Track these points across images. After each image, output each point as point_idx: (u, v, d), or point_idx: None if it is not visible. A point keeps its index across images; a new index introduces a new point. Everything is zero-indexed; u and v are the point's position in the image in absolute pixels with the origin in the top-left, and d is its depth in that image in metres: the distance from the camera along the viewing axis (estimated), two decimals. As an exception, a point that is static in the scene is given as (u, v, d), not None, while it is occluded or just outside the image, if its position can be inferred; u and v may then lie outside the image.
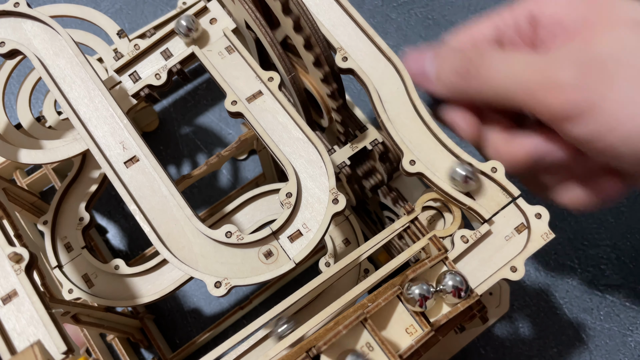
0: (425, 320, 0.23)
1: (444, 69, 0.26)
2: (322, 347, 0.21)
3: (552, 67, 0.24)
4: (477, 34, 0.28)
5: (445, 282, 0.23)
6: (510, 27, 0.27)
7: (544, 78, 0.24)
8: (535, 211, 0.26)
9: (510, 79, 0.25)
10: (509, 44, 0.28)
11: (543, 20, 0.26)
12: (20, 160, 0.28)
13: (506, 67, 0.25)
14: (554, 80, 0.23)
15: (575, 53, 0.24)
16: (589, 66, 0.23)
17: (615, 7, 0.24)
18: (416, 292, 0.23)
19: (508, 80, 0.25)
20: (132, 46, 0.28)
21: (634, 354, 0.38)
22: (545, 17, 0.26)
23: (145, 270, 0.31)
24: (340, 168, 0.29)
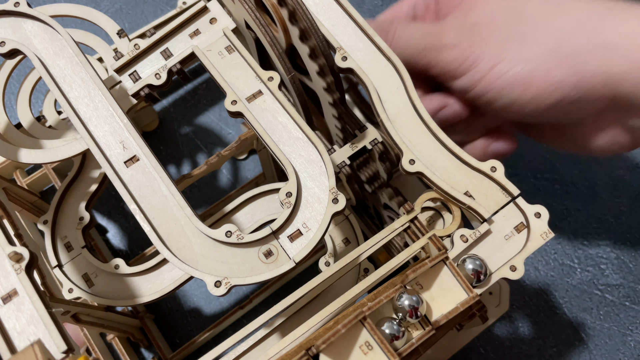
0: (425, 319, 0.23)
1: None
2: (321, 346, 0.21)
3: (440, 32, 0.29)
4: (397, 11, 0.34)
5: (466, 265, 0.24)
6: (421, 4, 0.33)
7: (433, 42, 0.29)
8: (535, 210, 0.26)
9: (410, 45, 0.30)
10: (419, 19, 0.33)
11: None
12: (20, 159, 0.28)
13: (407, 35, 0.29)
14: (440, 43, 0.29)
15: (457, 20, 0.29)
16: (467, 30, 0.28)
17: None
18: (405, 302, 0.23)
19: (409, 47, 0.30)
20: (132, 46, 0.28)
21: (634, 353, 0.38)
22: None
23: (145, 270, 0.31)
24: (340, 168, 0.29)
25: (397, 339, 0.23)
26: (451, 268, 0.24)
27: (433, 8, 0.33)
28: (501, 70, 0.28)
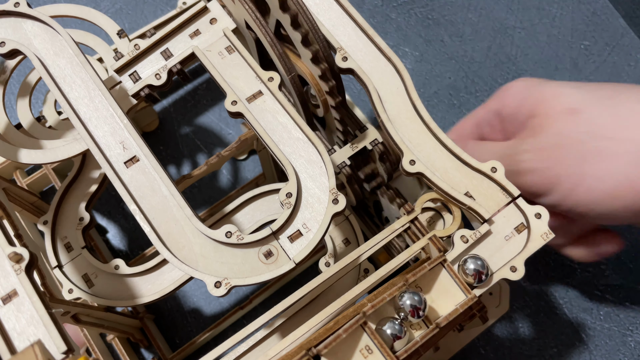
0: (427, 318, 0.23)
1: None
2: (323, 350, 0.21)
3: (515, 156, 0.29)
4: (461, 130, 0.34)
5: (467, 266, 0.24)
6: (486, 124, 0.33)
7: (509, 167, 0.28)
8: (535, 211, 0.26)
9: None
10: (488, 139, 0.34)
11: (505, 115, 0.32)
12: (20, 160, 0.28)
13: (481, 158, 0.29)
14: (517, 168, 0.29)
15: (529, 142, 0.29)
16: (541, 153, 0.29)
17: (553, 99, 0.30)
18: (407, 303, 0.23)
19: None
20: (132, 46, 0.28)
21: (634, 353, 0.38)
22: (506, 113, 0.32)
23: (145, 270, 0.31)
24: (340, 168, 0.29)
25: (399, 339, 0.23)
26: (449, 270, 0.24)
27: (498, 127, 0.33)
28: (585, 188, 0.28)
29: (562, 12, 0.48)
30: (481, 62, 0.47)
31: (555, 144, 0.29)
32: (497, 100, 0.32)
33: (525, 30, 0.48)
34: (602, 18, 0.48)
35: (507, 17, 0.48)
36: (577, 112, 0.29)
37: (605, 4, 0.49)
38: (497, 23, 0.48)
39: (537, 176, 0.29)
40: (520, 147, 0.30)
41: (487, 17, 0.48)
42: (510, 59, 0.47)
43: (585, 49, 0.47)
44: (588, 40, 0.47)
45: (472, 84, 0.46)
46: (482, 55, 0.47)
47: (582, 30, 0.48)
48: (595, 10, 0.48)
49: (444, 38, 0.48)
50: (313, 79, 0.27)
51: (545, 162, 0.29)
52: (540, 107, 0.30)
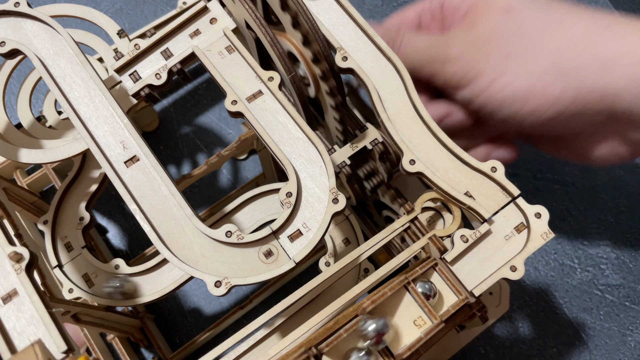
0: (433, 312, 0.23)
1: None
2: (324, 348, 0.21)
3: (444, 45, 0.30)
4: (403, 17, 0.35)
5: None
6: (427, 13, 0.34)
7: (438, 54, 0.30)
8: (535, 211, 0.26)
9: (415, 55, 0.31)
10: (425, 28, 0.34)
11: (447, 8, 0.32)
12: (20, 160, 0.28)
13: (413, 45, 0.30)
14: (444, 56, 0.30)
15: (461, 33, 0.30)
16: (470, 44, 0.29)
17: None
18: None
19: (415, 56, 0.31)
20: (132, 46, 0.28)
21: (634, 353, 0.38)
22: (448, 5, 0.32)
23: (145, 270, 0.31)
24: (340, 168, 0.29)
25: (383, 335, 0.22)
26: (441, 273, 0.24)
27: (438, 17, 0.33)
28: (501, 84, 0.29)
29: (562, 12, 0.48)
30: (481, 62, 0.47)
31: (485, 38, 0.29)
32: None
33: (525, 30, 0.48)
34: (602, 18, 0.48)
35: (507, 17, 0.48)
36: (512, 9, 0.29)
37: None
38: (497, 23, 0.48)
39: (461, 65, 0.29)
40: (451, 37, 0.30)
41: (487, 17, 0.48)
42: (510, 59, 0.47)
43: (585, 49, 0.47)
44: (588, 40, 0.47)
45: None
46: (482, 55, 0.47)
47: (582, 30, 0.48)
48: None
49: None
50: (302, 54, 0.26)
51: (472, 53, 0.29)
52: (479, 3, 0.31)
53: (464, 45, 0.30)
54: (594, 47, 0.28)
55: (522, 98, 0.29)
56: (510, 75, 0.29)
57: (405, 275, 0.24)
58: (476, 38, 0.30)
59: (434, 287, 0.24)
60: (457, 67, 0.30)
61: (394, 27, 0.33)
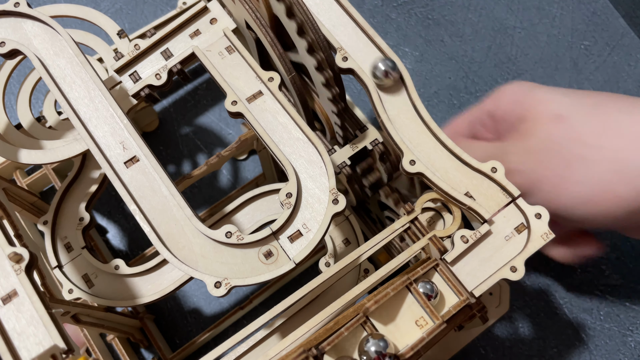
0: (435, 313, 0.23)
1: None
2: (326, 347, 0.21)
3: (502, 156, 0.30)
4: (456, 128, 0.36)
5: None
6: (478, 123, 0.35)
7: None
8: (535, 211, 0.26)
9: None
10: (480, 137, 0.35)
11: (497, 117, 0.33)
12: (20, 160, 0.28)
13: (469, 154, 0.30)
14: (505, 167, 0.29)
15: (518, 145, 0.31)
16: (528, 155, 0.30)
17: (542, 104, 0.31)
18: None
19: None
20: (132, 46, 0.28)
21: (634, 354, 0.38)
22: (498, 114, 0.33)
23: (145, 270, 0.31)
24: (341, 168, 0.29)
25: None
26: (442, 274, 0.24)
27: (491, 128, 0.34)
28: (566, 192, 0.29)
29: (562, 12, 0.48)
30: (481, 62, 0.47)
31: (541, 148, 0.30)
32: (492, 101, 0.34)
33: (525, 30, 0.48)
34: (602, 18, 0.48)
35: (507, 17, 0.48)
36: (563, 118, 0.30)
37: (605, 4, 0.49)
38: (497, 23, 0.48)
39: (521, 177, 0.30)
40: (508, 149, 0.31)
41: (487, 17, 0.48)
42: (510, 59, 0.47)
43: (585, 49, 0.47)
44: (588, 40, 0.47)
45: (472, 84, 0.46)
46: (482, 55, 0.47)
47: (582, 30, 0.48)
48: (595, 10, 0.48)
49: (444, 38, 0.48)
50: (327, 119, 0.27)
51: (530, 164, 0.30)
52: (529, 112, 0.31)
53: (521, 157, 0.30)
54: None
55: (589, 202, 0.29)
56: (573, 182, 0.29)
57: (408, 276, 0.24)
58: (532, 149, 0.30)
59: (435, 288, 0.24)
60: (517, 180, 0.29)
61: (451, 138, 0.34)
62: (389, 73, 0.26)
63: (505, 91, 0.33)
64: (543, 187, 0.30)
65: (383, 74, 0.26)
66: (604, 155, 0.29)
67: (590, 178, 0.29)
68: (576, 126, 0.30)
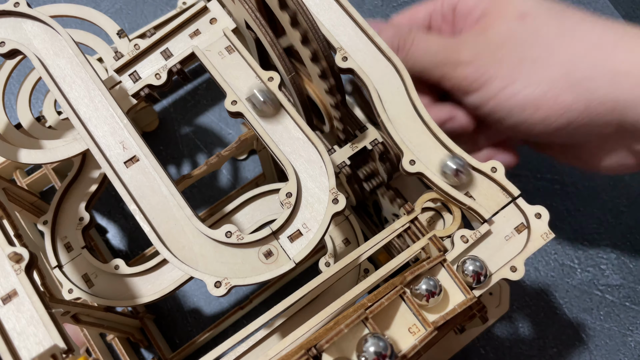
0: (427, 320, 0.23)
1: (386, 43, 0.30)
2: (324, 345, 0.21)
3: (457, 48, 0.30)
4: (413, 16, 0.34)
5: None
6: (438, 14, 0.33)
7: (449, 57, 0.30)
8: (535, 211, 0.26)
9: (426, 57, 0.30)
10: (435, 29, 0.34)
11: (459, 10, 0.32)
12: (20, 160, 0.28)
13: (425, 46, 0.30)
14: (456, 59, 0.29)
15: (474, 38, 0.30)
16: (483, 49, 0.29)
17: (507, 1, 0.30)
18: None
19: (426, 57, 0.30)
20: (132, 46, 0.28)
21: (634, 354, 0.38)
22: (461, 8, 0.32)
23: (145, 270, 0.31)
24: (340, 168, 0.29)
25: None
26: (449, 270, 0.24)
27: (450, 19, 0.33)
28: (512, 92, 0.29)
29: (562, 12, 0.48)
30: (481, 62, 0.47)
31: (498, 43, 0.29)
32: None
33: (525, 30, 0.48)
34: (602, 18, 0.48)
35: (507, 17, 0.48)
36: (528, 15, 0.29)
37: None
38: (497, 23, 0.48)
39: (472, 70, 0.29)
40: (465, 40, 0.30)
41: (487, 17, 0.48)
42: (510, 59, 0.47)
43: (585, 49, 0.47)
44: (588, 40, 0.47)
45: (472, 84, 0.46)
46: (482, 55, 0.47)
47: (582, 30, 0.48)
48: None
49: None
50: (323, 104, 0.27)
51: (484, 58, 0.29)
52: (494, 7, 0.30)
53: (477, 49, 0.29)
54: (606, 58, 0.27)
55: (532, 106, 0.28)
56: (522, 83, 0.28)
57: (400, 285, 0.23)
58: (489, 42, 0.29)
59: (439, 284, 0.24)
60: (469, 72, 0.29)
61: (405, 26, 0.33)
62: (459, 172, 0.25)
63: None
64: (492, 83, 0.29)
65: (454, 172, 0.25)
66: (557, 59, 0.28)
67: (539, 81, 0.28)
68: (536, 26, 0.29)
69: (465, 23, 0.32)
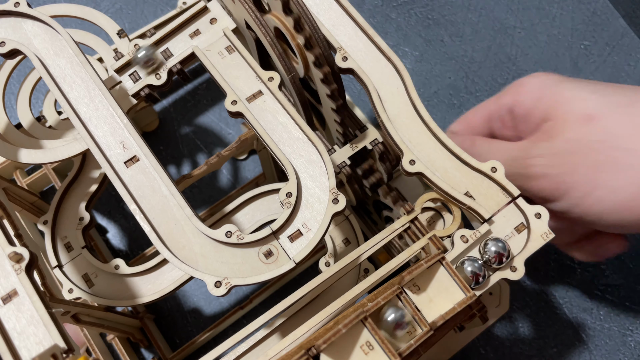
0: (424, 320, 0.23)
1: None
2: (322, 345, 0.21)
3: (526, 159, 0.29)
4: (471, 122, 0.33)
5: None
6: (497, 119, 0.32)
7: (521, 170, 0.29)
8: (535, 211, 0.26)
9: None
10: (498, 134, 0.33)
11: (517, 114, 0.31)
12: (20, 160, 0.28)
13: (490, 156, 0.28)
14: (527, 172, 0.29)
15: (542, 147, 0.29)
16: (554, 160, 0.28)
17: (569, 103, 0.29)
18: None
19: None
20: (132, 46, 0.28)
21: (634, 353, 0.38)
22: (519, 111, 0.31)
23: (145, 270, 0.31)
24: (340, 168, 0.29)
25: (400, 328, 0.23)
26: (448, 268, 0.24)
27: (510, 123, 0.32)
28: (597, 198, 0.28)
29: (562, 12, 0.48)
30: (481, 62, 0.47)
31: (569, 151, 0.28)
32: (511, 95, 0.31)
33: (525, 30, 0.48)
34: (602, 18, 0.48)
35: (507, 17, 0.48)
36: (594, 119, 0.28)
37: (605, 4, 0.49)
38: (497, 23, 0.48)
39: (548, 182, 0.28)
40: (533, 151, 0.29)
41: (487, 17, 0.48)
42: (510, 59, 0.47)
43: (585, 49, 0.47)
44: (588, 40, 0.47)
45: (472, 84, 0.46)
46: (482, 55, 0.47)
47: (582, 30, 0.48)
48: (595, 10, 0.48)
49: (444, 38, 0.48)
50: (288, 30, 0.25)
51: (558, 168, 0.28)
52: (555, 111, 0.29)
53: (547, 160, 0.28)
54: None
55: (623, 209, 0.27)
56: (606, 188, 0.27)
57: (398, 285, 0.23)
58: (559, 151, 0.28)
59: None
60: (544, 185, 0.28)
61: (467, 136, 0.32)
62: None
63: (527, 84, 0.31)
64: (572, 193, 0.28)
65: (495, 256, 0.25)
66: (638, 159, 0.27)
67: (624, 184, 0.27)
68: (607, 127, 0.28)
69: (526, 127, 0.31)
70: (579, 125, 0.28)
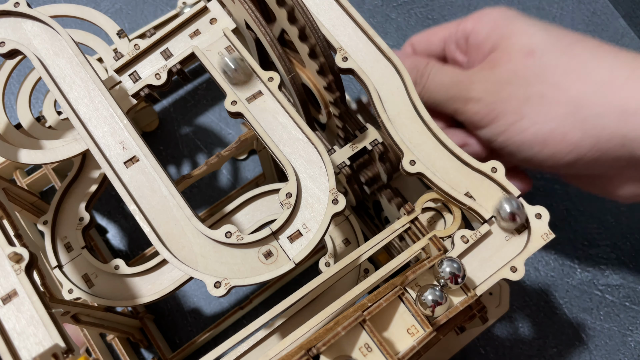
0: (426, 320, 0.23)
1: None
2: (321, 347, 0.21)
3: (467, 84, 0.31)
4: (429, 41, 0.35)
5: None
6: (453, 41, 0.34)
7: (461, 93, 0.31)
8: (535, 211, 0.26)
9: (440, 91, 0.32)
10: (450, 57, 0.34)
11: (471, 42, 0.32)
12: (20, 160, 0.28)
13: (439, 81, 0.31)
14: (466, 95, 0.30)
15: (483, 73, 0.30)
16: (491, 86, 0.30)
17: (516, 36, 0.30)
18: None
19: (439, 92, 0.32)
20: (132, 46, 0.28)
21: (634, 353, 0.38)
22: (473, 39, 0.32)
23: (145, 270, 0.31)
24: (340, 168, 0.29)
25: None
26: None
27: (463, 48, 0.33)
28: (520, 128, 0.29)
29: (562, 12, 0.48)
30: (481, 62, 0.47)
31: (506, 81, 0.30)
32: (471, 22, 0.33)
33: (525, 30, 0.48)
34: (602, 18, 0.48)
35: (507, 17, 0.48)
36: (534, 53, 0.29)
37: (605, 4, 0.49)
38: (497, 23, 0.48)
39: (482, 106, 0.30)
40: (475, 77, 0.31)
41: (487, 17, 0.48)
42: (510, 59, 0.47)
43: (586, 49, 0.47)
44: (588, 40, 0.47)
45: (472, 84, 0.46)
46: (482, 55, 0.47)
47: (582, 30, 0.48)
48: (595, 10, 0.48)
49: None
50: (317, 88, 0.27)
51: (493, 95, 0.30)
52: (503, 42, 0.31)
53: (486, 86, 0.30)
54: (615, 95, 0.27)
55: (540, 142, 0.29)
56: (530, 120, 0.29)
57: (399, 286, 0.24)
58: (497, 80, 0.30)
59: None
60: (478, 108, 0.30)
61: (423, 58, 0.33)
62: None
63: (487, 15, 0.32)
64: (500, 120, 0.30)
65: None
66: (565, 96, 0.28)
67: (546, 118, 0.28)
68: (544, 63, 0.29)
69: (477, 55, 0.32)
70: (519, 58, 0.30)
